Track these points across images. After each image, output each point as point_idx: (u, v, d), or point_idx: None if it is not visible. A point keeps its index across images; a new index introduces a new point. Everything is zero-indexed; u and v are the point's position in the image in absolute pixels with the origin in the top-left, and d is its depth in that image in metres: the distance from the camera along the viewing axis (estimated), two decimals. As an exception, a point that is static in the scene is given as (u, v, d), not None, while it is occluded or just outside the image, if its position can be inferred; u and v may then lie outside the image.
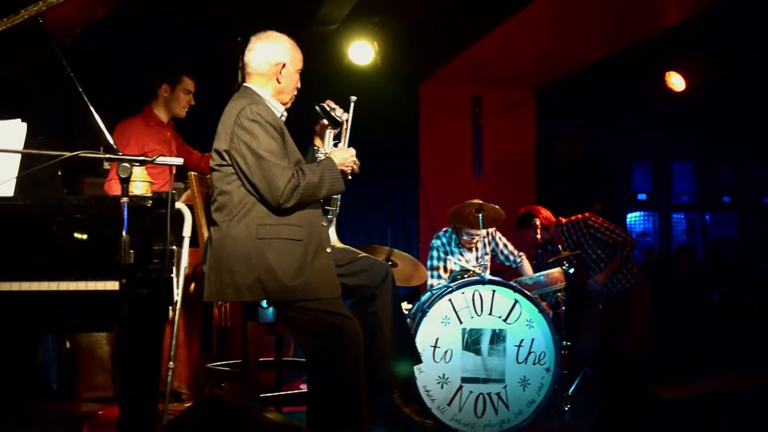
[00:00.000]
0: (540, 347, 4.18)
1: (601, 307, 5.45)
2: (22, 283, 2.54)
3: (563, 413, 4.53)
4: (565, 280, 4.79)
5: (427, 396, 4.05)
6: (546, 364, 4.17)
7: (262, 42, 3.24)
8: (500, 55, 6.24)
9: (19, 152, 2.72)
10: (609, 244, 5.37)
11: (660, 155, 8.71)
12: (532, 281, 4.76)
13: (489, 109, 7.13)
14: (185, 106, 4.53)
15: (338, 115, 3.34)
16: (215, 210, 3.14)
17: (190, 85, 4.52)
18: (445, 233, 5.20)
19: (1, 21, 2.95)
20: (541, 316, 4.19)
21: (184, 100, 4.51)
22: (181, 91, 4.50)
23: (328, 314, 3.05)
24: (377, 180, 6.70)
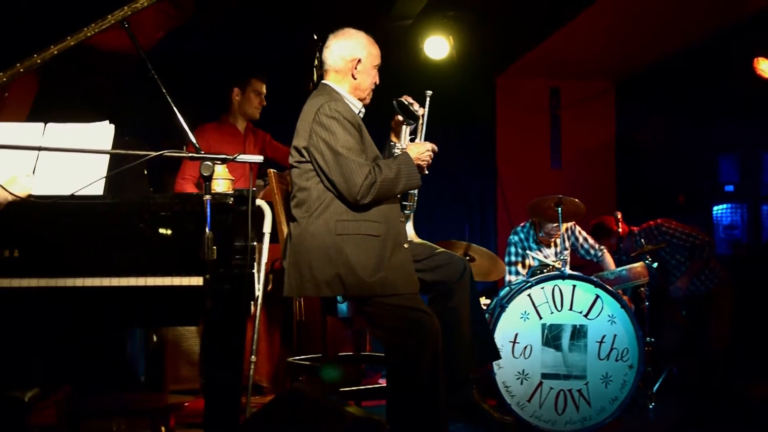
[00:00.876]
0: (623, 343, 4.09)
1: (684, 313, 5.31)
2: (112, 279, 2.64)
3: (647, 411, 4.42)
4: (648, 274, 4.66)
5: (507, 392, 4.01)
6: (629, 360, 4.08)
7: (338, 39, 3.26)
8: (579, 46, 6.11)
9: (107, 153, 2.82)
10: (687, 248, 5.22)
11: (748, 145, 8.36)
12: (614, 276, 4.66)
13: (567, 101, 7.01)
14: (257, 107, 4.71)
15: (415, 109, 3.34)
16: (294, 206, 3.18)
17: (260, 86, 4.70)
18: (523, 228, 5.14)
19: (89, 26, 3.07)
20: (624, 311, 4.10)
21: (255, 101, 4.70)
22: (252, 92, 4.69)
23: (407, 309, 3.06)
24: (454, 174, 6.67)
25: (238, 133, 4.73)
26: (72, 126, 2.90)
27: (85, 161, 2.79)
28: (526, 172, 6.84)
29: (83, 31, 3.05)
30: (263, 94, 4.72)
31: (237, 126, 4.74)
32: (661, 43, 6.10)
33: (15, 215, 2.57)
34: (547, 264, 4.53)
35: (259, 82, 4.70)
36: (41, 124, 2.89)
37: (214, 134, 4.63)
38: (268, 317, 4.56)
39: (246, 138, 4.75)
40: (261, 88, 4.70)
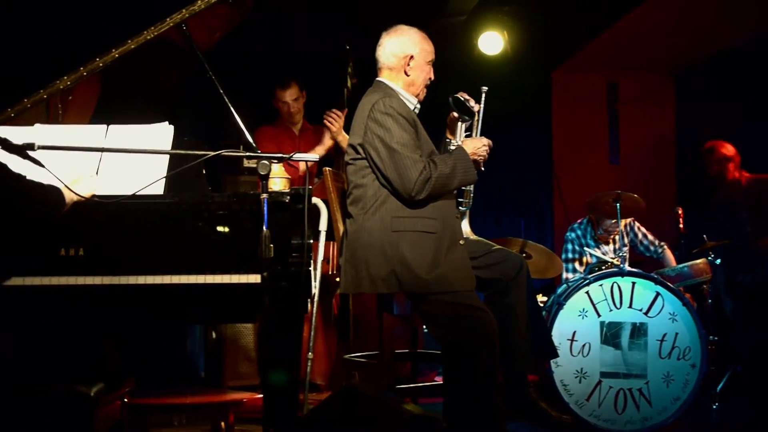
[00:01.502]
0: (685, 342, 4.00)
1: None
2: (173, 277, 2.69)
3: (711, 412, 4.32)
4: (711, 271, 4.55)
5: (565, 390, 3.96)
6: (691, 359, 3.98)
7: (390, 36, 3.27)
8: (637, 40, 5.98)
9: (167, 153, 2.87)
10: None
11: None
12: (675, 273, 4.56)
13: (625, 96, 6.88)
14: (287, 113, 4.84)
15: (471, 106, 3.32)
16: (350, 203, 3.20)
17: (282, 95, 4.82)
18: (580, 225, 5.07)
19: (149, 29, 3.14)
20: (686, 309, 4.01)
21: (283, 109, 4.84)
22: (278, 102, 4.84)
23: (463, 307, 3.04)
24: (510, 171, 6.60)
25: (293, 134, 4.84)
26: (133, 127, 2.97)
27: (146, 161, 2.85)
28: (584, 168, 6.73)
29: (143, 34, 3.13)
30: (291, 100, 4.80)
31: (292, 128, 4.85)
32: (721, 35, 5.93)
33: (80, 215, 2.65)
34: (605, 261, 4.46)
35: (280, 90, 4.82)
36: (104, 126, 2.97)
37: (270, 137, 4.76)
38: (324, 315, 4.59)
39: (301, 139, 4.84)
40: (283, 95, 4.81)
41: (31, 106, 3.14)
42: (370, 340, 4.36)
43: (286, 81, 4.82)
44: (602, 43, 6.05)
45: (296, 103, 4.82)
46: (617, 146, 6.91)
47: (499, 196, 6.68)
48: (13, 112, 3.12)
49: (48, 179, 2.50)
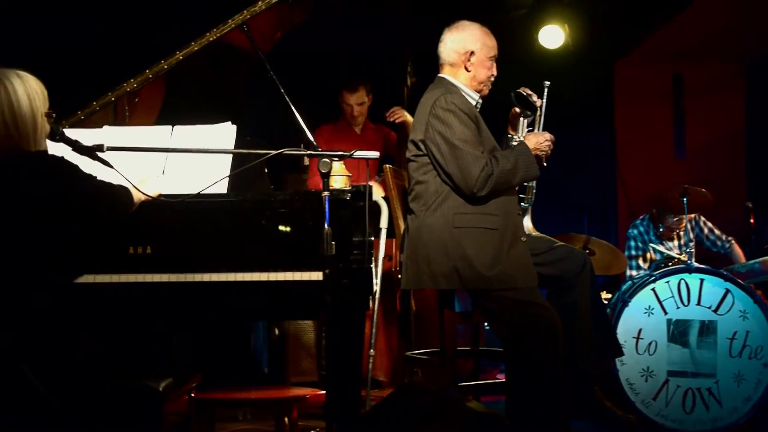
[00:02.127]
0: (756, 340, 3.88)
1: None
2: (237, 274, 2.73)
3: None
4: (783, 267, 4.41)
5: (630, 389, 3.89)
6: (764, 358, 3.87)
7: (451, 32, 3.26)
8: (704, 28, 5.82)
9: (230, 152, 2.92)
10: None
11: None
12: (746, 269, 4.44)
13: (691, 88, 6.70)
14: (351, 116, 4.78)
15: (534, 101, 3.29)
16: (412, 199, 3.20)
17: (348, 97, 4.75)
18: (642, 222, 4.97)
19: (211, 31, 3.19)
20: (757, 306, 3.90)
21: (347, 111, 4.78)
22: (343, 103, 4.78)
23: (526, 304, 3.01)
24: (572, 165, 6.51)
25: (355, 133, 4.82)
26: (197, 128, 3.02)
27: (210, 161, 2.90)
28: (648, 163, 6.58)
29: (205, 36, 3.18)
30: (356, 104, 4.74)
31: (354, 127, 4.84)
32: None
33: (147, 214, 2.71)
34: (671, 257, 4.36)
35: (347, 93, 4.75)
36: (169, 127, 3.03)
37: (331, 135, 4.74)
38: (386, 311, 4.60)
39: (363, 138, 4.83)
40: (350, 99, 4.74)
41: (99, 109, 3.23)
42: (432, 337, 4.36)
43: (354, 84, 4.75)
44: (667, 32, 5.90)
45: (361, 107, 4.76)
46: (683, 139, 6.74)
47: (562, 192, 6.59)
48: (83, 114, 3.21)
49: (117, 179, 2.56)
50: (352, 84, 4.76)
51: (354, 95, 4.75)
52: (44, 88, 2.40)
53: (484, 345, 4.70)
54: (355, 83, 4.76)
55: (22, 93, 2.31)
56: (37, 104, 2.34)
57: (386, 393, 4.34)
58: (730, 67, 6.71)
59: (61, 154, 2.40)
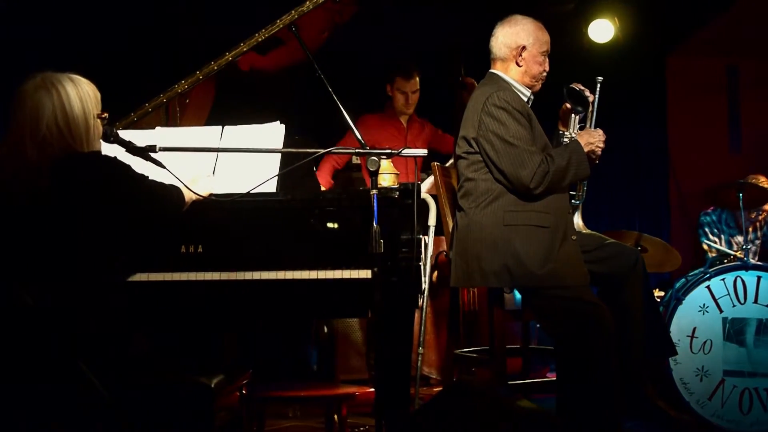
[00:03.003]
0: (816, 339, 3.78)
1: None
2: (286, 273, 2.75)
3: None
4: None
5: (685, 389, 3.82)
6: (823, 358, 3.77)
7: (503, 27, 3.23)
8: (760, 19, 5.67)
9: (279, 152, 2.94)
10: None
11: None
12: (805, 266, 4.31)
13: (747, 80, 6.53)
14: (404, 104, 4.73)
15: (587, 95, 3.24)
16: (461, 196, 3.19)
17: (404, 84, 4.70)
18: (714, 211, 4.85)
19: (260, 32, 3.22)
20: (818, 304, 3.79)
21: (401, 100, 4.71)
22: (396, 91, 4.72)
23: (577, 302, 2.98)
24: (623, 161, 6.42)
25: (401, 125, 4.78)
26: (246, 128, 3.05)
27: (259, 160, 2.93)
28: (702, 158, 6.44)
29: (254, 36, 3.21)
30: (411, 92, 4.70)
31: (400, 119, 4.80)
32: None
33: (198, 213, 2.74)
34: (727, 254, 4.27)
35: (402, 80, 4.69)
36: (219, 127, 3.07)
37: (376, 126, 4.69)
38: (435, 309, 4.59)
39: (408, 131, 4.80)
40: (405, 86, 4.69)
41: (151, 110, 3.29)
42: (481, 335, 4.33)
43: (410, 70, 4.69)
44: (721, 23, 5.77)
45: (415, 95, 4.70)
46: (738, 133, 6.58)
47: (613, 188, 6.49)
48: (136, 116, 3.27)
49: (168, 179, 2.60)
50: (408, 70, 4.70)
51: (410, 82, 4.70)
52: (97, 90, 2.45)
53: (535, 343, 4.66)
54: (410, 69, 4.70)
55: (74, 96, 2.37)
56: (89, 107, 2.39)
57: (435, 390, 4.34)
58: (788, 58, 6.53)
59: (115, 155, 2.45)
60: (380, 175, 2.93)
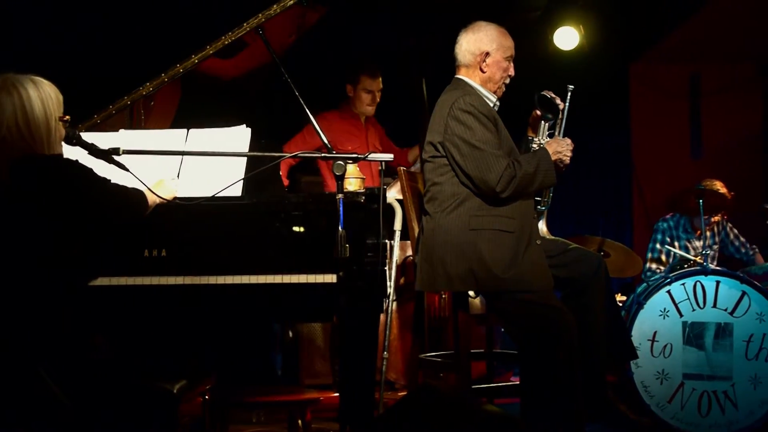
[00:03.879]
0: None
1: None
2: (251, 277, 2.74)
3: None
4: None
5: (646, 392, 3.87)
6: (781, 361, 3.84)
7: (467, 34, 3.25)
8: (721, 28, 5.77)
9: (245, 155, 2.93)
10: None
11: None
12: (763, 271, 4.41)
13: (709, 88, 6.65)
14: (369, 104, 4.70)
15: (557, 103, 3.27)
16: (427, 201, 3.20)
17: (370, 83, 4.66)
18: (672, 217, 4.93)
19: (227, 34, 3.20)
20: (775, 309, 3.87)
21: (366, 99, 4.68)
22: (361, 90, 4.68)
23: (541, 306, 3.01)
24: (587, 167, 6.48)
25: (360, 124, 4.76)
26: (212, 131, 3.03)
27: (225, 164, 2.91)
28: (664, 164, 6.54)
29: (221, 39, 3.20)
30: (375, 91, 4.68)
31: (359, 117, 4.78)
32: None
33: (162, 217, 2.72)
34: (687, 259, 4.34)
35: (369, 78, 4.65)
36: (184, 130, 3.05)
37: (337, 122, 4.64)
38: (400, 314, 4.60)
39: (368, 131, 4.79)
40: (371, 84, 4.65)
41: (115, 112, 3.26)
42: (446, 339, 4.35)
43: (375, 69, 4.65)
44: (684, 32, 5.87)
45: (379, 93, 4.68)
46: (699, 140, 6.70)
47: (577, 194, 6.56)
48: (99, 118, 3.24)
49: (132, 183, 2.58)
50: (374, 69, 4.66)
51: (376, 81, 4.67)
52: (59, 93, 2.42)
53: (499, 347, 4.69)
54: (375, 68, 4.67)
55: (35, 98, 2.33)
56: (51, 108, 2.36)
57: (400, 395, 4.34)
58: (747, 67, 6.66)
59: (76, 158, 2.42)
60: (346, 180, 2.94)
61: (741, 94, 6.63)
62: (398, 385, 4.60)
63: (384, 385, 3.55)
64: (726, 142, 6.61)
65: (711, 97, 6.65)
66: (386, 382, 3.71)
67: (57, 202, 2.29)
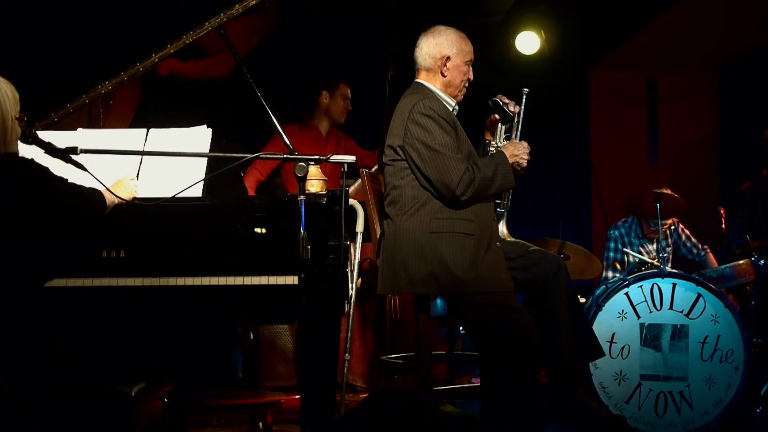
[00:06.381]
0: (727, 344, 3.92)
1: None
2: (211, 278, 2.72)
3: (754, 416, 4.23)
4: (754, 272, 4.46)
5: (604, 393, 3.92)
6: (734, 362, 3.91)
7: (427, 37, 3.26)
8: (678, 36, 5.89)
9: (206, 156, 2.90)
10: None
11: None
12: (717, 274, 4.48)
13: (666, 94, 6.77)
14: (343, 111, 4.82)
15: (510, 109, 3.29)
16: (388, 204, 3.20)
17: (347, 91, 4.80)
18: (624, 223, 5.00)
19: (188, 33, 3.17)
20: (728, 310, 3.93)
21: (342, 105, 4.79)
22: (339, 97, 4.79)
23: (500, 308, 3.03)
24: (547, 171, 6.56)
25: (320, 136, 4.82)
26: (172, 131, 3.00)
27: (185, 164, 2.88)
28: (622, 168, 6.64)
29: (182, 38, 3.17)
30: (349, 99, 4.82)
31: (320, 128, 4.82)
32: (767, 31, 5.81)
33: (121, 217, 2.69)
34: (645, 262, 4.40)
35: (346, 86, 4.80)
36: (144, 130, 3.01)
37: (296, 136, 4.67)
38: (361, 316, 4.60)
39: (327, 141, 4.82)
40: (348, 92, 4.80)
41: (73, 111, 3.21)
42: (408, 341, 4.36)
43: (349, 79, 4.79)
44: (641, 39, 5.97)
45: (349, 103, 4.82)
46: (657, 146, 6.82)
47: (536, 197, 6.63)
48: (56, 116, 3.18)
49: (90, 182, 2.54)
50: (348, 78, 4.78)
51: (350, 89, 4.79)
52: (15, 90, 2.37)
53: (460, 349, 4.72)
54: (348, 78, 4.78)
55: (-8, 96, 2.29)
56: (7, 107, 2.32)
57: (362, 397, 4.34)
58: (703, 74, 6.80)
59: (32, 157, 2.37)
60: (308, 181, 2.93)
61: (696, 100, 6.77)
62: (359, 387, 4.60)
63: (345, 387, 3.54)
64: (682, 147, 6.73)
65: (668, 103, 6.77)
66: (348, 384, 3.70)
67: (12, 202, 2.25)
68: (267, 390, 3.98)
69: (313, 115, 4.83)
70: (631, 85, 6.79)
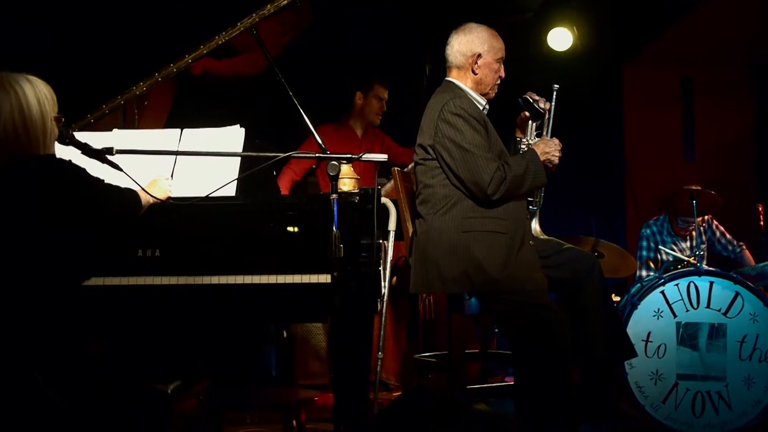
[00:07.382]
0: (766, 343, 3.86)
1: None
2: (245, 277, 2.73)
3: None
4: (794, 270, 4.39)
5: (639, 392, 3.87)
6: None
7: (458, 35, 3.25)
8: (713, 31, 5.80)
9: (239, 155, 2.92)
10: None
11: None
12: (756, 272, 4.41)
13: (700, 90, 6.67)
14: (377, 112, 4.82)
15: (541, 106, 3.27)
16: (420, 203, 3.20)
17: (382, 92, 4.79)
18: (656, 221, 4.94)
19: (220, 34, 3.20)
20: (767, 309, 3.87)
21: (376, 106, 4.79)
22: (373, 98, 4.79)
23: (535, 306, 3.01)
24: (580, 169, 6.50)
25: (355, 136, 4.83)
26: (206, 131, 3.03)
27: (219, 164, 2.90)
28: (657, 165, 6.55)
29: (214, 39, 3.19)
30: (384, 100, 4.80)
31: (355, 129, 4.84)
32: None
33: (156, 217, 2.71)
34: (681, 260, 4.35)
35: (381, 87, 4.79)
36: (178, 130, 3.04)
37: (331, 136, 4.70)
38: (394, 314, 4.60)
39: (363, 141, 4.83)
40: (383, 93, 4.79)
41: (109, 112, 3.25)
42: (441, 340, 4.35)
43: (385, 80, 4.78)
44: (675, 34, 5.89)
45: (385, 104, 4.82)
46: (692, 142, 6.72)
47: (570, 195, 6.58)
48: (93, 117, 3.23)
49: (125, 182, 2.57)
50: (383, 78, 4.78)
51: (385, 90, 4.79)
52: (53, 92, 2.41)
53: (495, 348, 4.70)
54: (383, 79, 4.78)
55: (32, 97, 2.32)
56: (46, 108, 2.35)
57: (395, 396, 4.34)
58: (738, 70, 6.68)
59: (70, 158, 2.40)
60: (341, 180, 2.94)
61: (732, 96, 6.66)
62: (393, 385, 4.60)
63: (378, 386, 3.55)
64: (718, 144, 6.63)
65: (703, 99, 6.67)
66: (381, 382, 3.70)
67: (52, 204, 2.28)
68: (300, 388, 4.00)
69: (350, 116, 4.86)
70: (665, 81, 6.70)
